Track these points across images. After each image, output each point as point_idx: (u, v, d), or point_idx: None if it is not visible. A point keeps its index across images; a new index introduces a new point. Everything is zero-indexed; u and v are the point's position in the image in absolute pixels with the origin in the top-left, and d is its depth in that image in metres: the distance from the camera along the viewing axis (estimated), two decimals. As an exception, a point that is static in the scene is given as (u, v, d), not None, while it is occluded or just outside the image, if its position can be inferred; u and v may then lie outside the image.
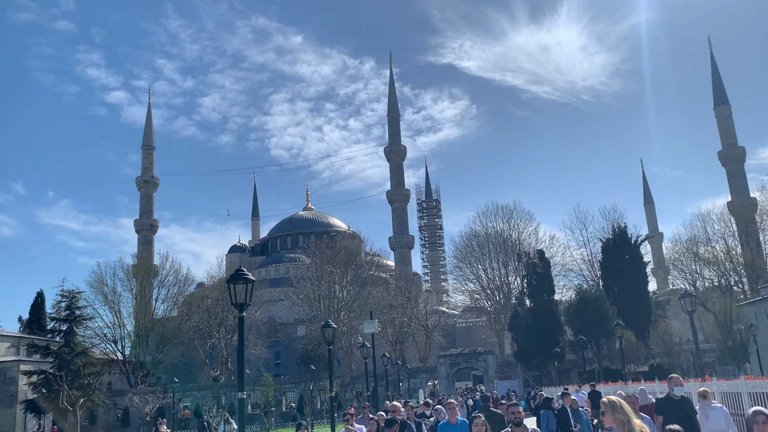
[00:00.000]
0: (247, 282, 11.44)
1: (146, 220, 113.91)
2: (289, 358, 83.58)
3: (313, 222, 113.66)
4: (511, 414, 8.42)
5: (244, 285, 11.42)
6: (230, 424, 25.42)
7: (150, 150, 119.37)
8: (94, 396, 50.13)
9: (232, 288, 11.45)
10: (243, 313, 11.59)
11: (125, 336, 70.44)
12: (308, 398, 46.32)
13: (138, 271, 76.84)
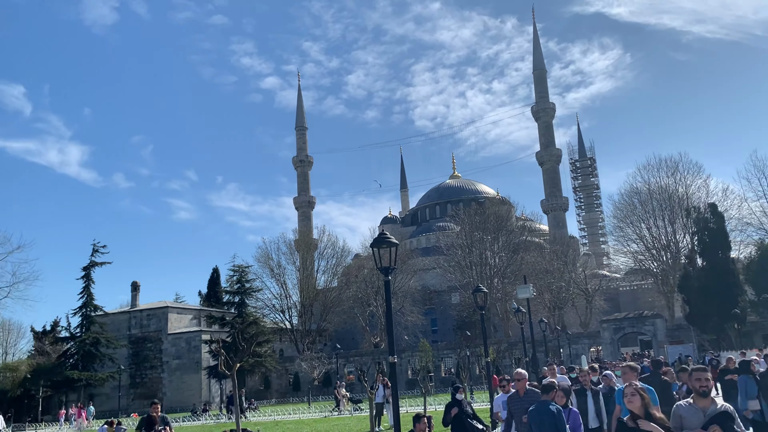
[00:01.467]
0: (390, 245, 11.23)
1: (304, 197, 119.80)
2: (445, 324, 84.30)
3: (461, 190, 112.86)
4: (696, 381, 6.50)
5: (387, 249, 11.23)
6: (389, 389, 25.89)
7: (303, 131, 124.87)
8: (265, 362, 54.10)
9: (376, 252, 11.34)
10: (388, 276, 11.39)
11: (291, 306, 75.12)
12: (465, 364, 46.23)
13: (299, 245, 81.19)
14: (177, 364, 62.32)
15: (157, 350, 62.92)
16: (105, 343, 57.71)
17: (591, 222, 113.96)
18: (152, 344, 63.34)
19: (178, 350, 62.27)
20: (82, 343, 56.92)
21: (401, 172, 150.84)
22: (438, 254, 79.23)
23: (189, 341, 61.92)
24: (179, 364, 62.21)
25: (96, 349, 57.25)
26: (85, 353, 56.66)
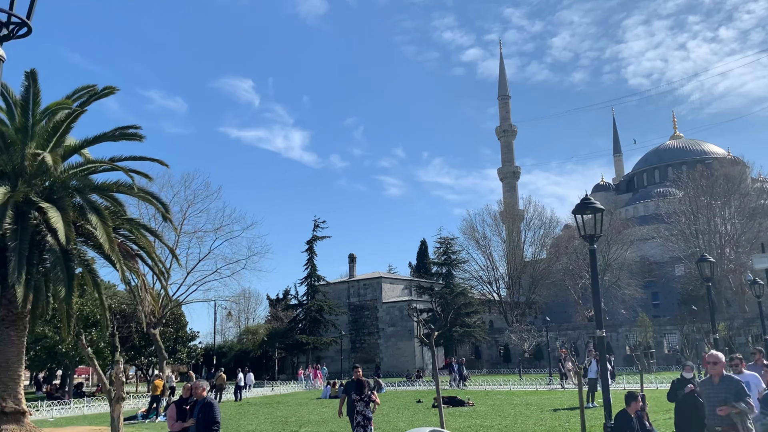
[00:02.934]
0: (595, 211, 10.48)
1: (508, 167, 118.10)
2: (667, 299, 78.02)
3: (683, 151, 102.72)
4: None
5: (592, 215, 10.51)
6: (602, 364, 24.60)
7: (506, 100, 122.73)
8: (474, 333, 54.75)
9: (579, 219, 10.68)
10: (593, 245, 10.68)
11: (498, 278, 74.87)
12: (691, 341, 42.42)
13: (505, 216, 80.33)
14: (392, 331, 65.71)
15: (373, 318, 66.92)
16: (328, 310, 62.72)
17: None
18: (369, 312, 67.46)
19: (392, 318, 65.57)
20: (308, 310, 62.50)
21: (614, 136, 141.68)
22: (658, 222, 73.31)
23: (401, 310, 64.85)
24: (393, 332, 65.53)
25: (320, 316, 62.46)
26: (311, 319, 62.16)
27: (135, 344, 46.24)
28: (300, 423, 21.44)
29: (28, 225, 15.51)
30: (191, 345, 54.70)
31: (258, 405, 31.20)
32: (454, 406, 25.50)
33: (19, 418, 15.77)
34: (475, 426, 18.45)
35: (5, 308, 15.98)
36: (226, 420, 23.68)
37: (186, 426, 9.76)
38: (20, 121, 16.66)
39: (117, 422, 4.74)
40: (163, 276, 19.54)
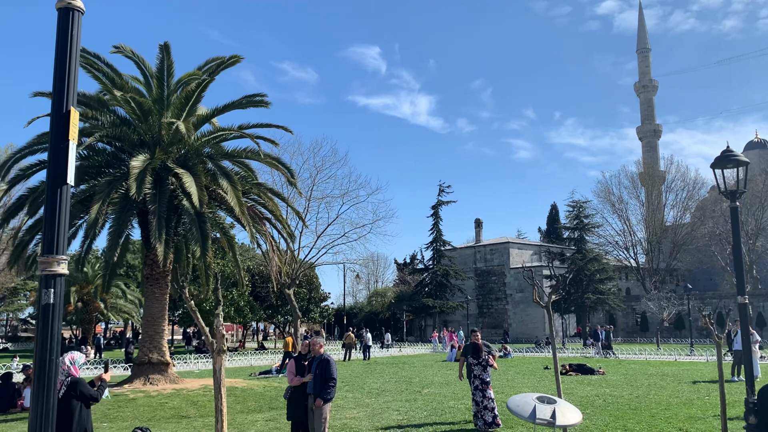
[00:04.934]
0: (738, 164, 9.38)
1: (648, 126, 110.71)
2: (836, 266, 70.26)
3: None
4: None
5: (734, 169, 9.41)
6: (752, 335, 22.57)
7: (645, 53, 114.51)
8: (608, 300, 52.38)
9: (719, 173, 9.61)
10: (736, 202, 9.59)
11: (636, 243, 70.85)
12: None
13: (644, 178, 75.57)
14: (520, 297, 64.57)
15: (500, 283, 66.09)
16: (454, 275, 62.76)
17: None
18: (496, 277, 66.68)
19: (520, 284, 64.36)
20: (434, 275, 62.90)
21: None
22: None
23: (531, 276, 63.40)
24: (522, 297, 64.36)
25: (446, 280, 62.64)
26: (437, 283, 62.55)
27: (272, 303, 48.97)
28: (423, 384, 21.67)
29: (166, 190, 16.67)
30: (323, 305, 57.11)
31: (384, 365, 31.98)
32: (583, 374, 24.64)
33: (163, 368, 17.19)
34: (604, 395, 17.65)
35: (149, 267, 17.36)
36: (353, 377, 24.50)
37: (305, 381, 10.08)
38: (156, 92, 17.80)
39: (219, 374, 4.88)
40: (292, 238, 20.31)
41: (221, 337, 4.84)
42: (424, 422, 13.34)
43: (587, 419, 13.26)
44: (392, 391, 19.54)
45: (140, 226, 18.71)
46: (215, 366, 4.93)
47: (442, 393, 18.70)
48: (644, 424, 12.60)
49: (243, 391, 18.76)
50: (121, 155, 18.79)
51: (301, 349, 10.86)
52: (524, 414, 6.53)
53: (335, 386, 10.00)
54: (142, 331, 18.70)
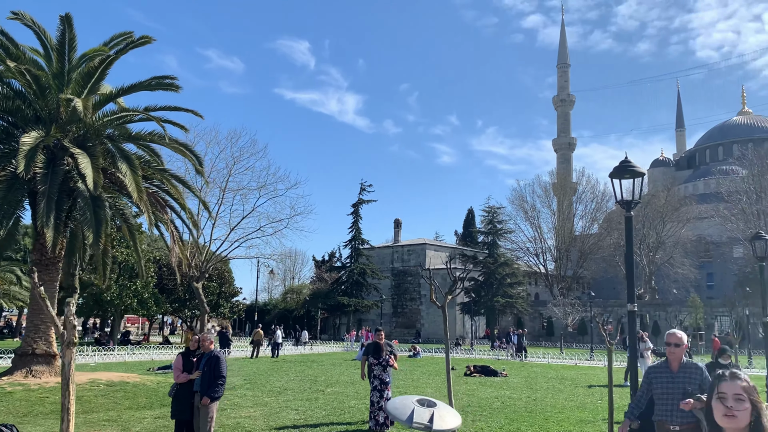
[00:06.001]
0: (634, 175, 9.62)
1: (564, 138, 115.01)
2: (723, 280, 75.04)
3: (751, 128, 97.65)
4: None
5: (630, 179, 9.65)
6: (645, 342, 23.65)
7: (565, 68, 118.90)
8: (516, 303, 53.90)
9: (617, 183, 9.83)
10: (630, 212, 9.83)
11: (546, 250, 73.35)
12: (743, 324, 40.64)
13: (556, 188, 78.33)
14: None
15: (416, 284, 66.72)
16: (370, 274, 62.79)
17: None
18: (412, 278, 67.27)
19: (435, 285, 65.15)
20: (351, 273, 62.72)
21: (678, 110, 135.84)
22: (718, 201, 70.18)
23: (444, 277, 64.35)
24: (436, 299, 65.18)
25: (363, 279, 62.59)
26: (353, 282, 62.39)
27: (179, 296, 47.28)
28: (328, 383, 21.37)
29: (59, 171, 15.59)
30: (234, 301, 55.73)
31: (293, 363, 31.45)
32: (486, 376, 25.06)
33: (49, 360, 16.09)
34: (503, 397, 17.93)
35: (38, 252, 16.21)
36: (257, 375, 23.87)
37: (192, 378, 9.57)
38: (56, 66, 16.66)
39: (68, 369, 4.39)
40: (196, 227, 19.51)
41: (72, 328, 4.36)
42: (321, 422, 13.05)
43: (483, 421, 13.37)
44: (294, 389, 19.13)
45: (31, 208, 17.46)
46: (64, 360, 4.44)
47: (345, 392, 18.46)
48: (537, 427, 12.81)
49: (135, 386, 17.83)
50: (14, 131, 17.46)
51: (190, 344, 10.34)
52: (402, 417, 6.37)
53: (224, 384, 9.55)
54: (27, 321, 17.46)
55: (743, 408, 2.47)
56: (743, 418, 2.46)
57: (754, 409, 2.50)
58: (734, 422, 2.46)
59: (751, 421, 2.47)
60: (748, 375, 2.71)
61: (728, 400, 2.48)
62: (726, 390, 2.52)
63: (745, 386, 2.53)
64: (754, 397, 2.51)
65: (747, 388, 2.53)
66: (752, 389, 2.53)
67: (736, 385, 2.51)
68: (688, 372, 6.08)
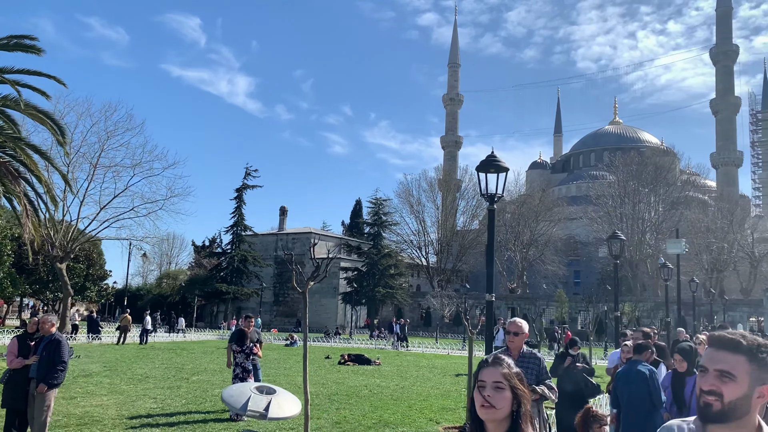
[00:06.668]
0: (499, 170, 9.89)
1: (451, 136, 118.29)
2: (589, 278, 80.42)
3: (620, 137, 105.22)
4: None
5: (495, 174, 9.92)
6: (510, 334, 24.74)
7: (455, 68, 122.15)
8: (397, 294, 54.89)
9: (482, 176, 10.09)
10: (494, 205, 10.12)
11: (429, 243, 75.21)
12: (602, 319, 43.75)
13: (442, 184, 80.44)
14: (316, 287, 64.90)
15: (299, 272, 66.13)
16: (252, 261, 61.50)
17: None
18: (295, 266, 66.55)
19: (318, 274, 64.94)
20: (231, 259, 61.10)
21: (557, 116, 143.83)
22: (587, 204, 75.03)
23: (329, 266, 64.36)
24: (318, 288, 64.92)
25: (244, 266, 61.18)
26: (234, 269, 60.83)
27: (41, 277, 43.98)
28: (195, 371, 20.61)
29: None
30: (103, 284, 52.64)
31: (161, 350, 30.12)
32: (360, 364, 25.20)
33: None
34: (372, 385, 18.07)
35: None
36: (119, 362, 22.60)
37: (27, 363, 8.76)
38: None
39: None
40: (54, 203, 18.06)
41: None
42: (179, 411, 12.48)
43: (347, 409, 13.36)
44: (157, 377, 18.27)
45: None
46: None
47: (211, 381, 17.86)
48: (399, 414, 12.97)
49: (-25, 373, 16.27)
50: None
51: (29, 327, 9.48)
52: (236, 405, 6.12)
53: (65, 371, 8.83)
54: None
55: (502, 397, 2.20)
56: (502, 409, 2.19)
57: (515, 398, 2.22)
58: (491, 413, 2.18)
59: (512, 411, 2.21)
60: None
61: (486, 388, 2.21)
62: (485, 378, 2.25)
63: (505, 373, 2.24)
64: (515, 383, 2.24)
65: (508, 374, 2.24)
66: (513, 375, 2.25)
67: (496, 371, 2.23)
68: (526, 362, 5.87)
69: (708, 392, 1.91)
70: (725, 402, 1.86)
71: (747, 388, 1.86)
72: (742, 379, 1.86)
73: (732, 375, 1.86)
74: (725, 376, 1.87)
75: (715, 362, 1.92)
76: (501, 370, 2.26)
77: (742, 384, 1.86)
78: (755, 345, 1.89)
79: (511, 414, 2.21)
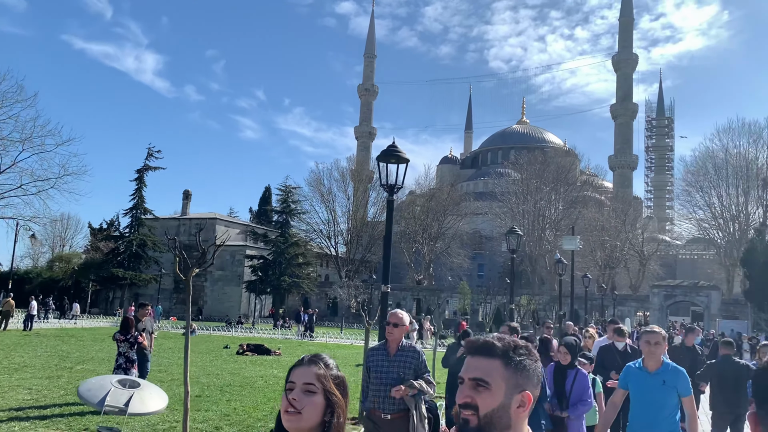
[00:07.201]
0: (399, 161, 9.80)
1: (365, 127, 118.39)
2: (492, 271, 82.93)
3: (527, 136, 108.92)
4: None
5: (396, 164, 9.83)
6: (411, 324, 25.00)
7: (371, 58, 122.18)
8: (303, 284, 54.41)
9: (383, 166, 9.98)
10: (393, 196, 10.04)
11: (338, 233, 74.99)
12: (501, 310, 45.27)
13: (354, 174, 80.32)
14: (220, 275, 63.52)
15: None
16: (152, 246, 59.06)
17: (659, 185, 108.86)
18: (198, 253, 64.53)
19: (222, 262, 63.36)
20: (129, 244, 58.41)
21: (468, 113, 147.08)
22: (492, 200, 77.22)
23: (233, 254, 62.87)
24: (222, 275, 63.41)
25: (143, 251, 58.67)
26: (132, 253, 58.20)
27: None
28: (81, 360, 19.48)
29: None
30: (-17, 267, 48.93)
31: (47, 337, 28.33)
32: (259, 355, 24.71)
33: None
34: (268, 376, 17.71)
35: None
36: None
37: None
38: None
39: None
40: None
41: None
42: (54, 403, 11.67)
43: (239, 401, 12.98)
44: (37, 366, 17.09)
45: None
46: None
47: (97, 370, 16.87)
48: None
49: None
50: None
51: None
52: (93, 401, 5.72)
53: None
54: None
55: (311, 402, 1.82)
56: (310, 418, 1.82)
57: (329, 406, 1.85)
58: (296, 421, 1.81)
59: (323, 421, 1.83)
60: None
61: (295, 390, 1.84)
62: (295, 378, 1.87)
63: (321, 374, 1.87)
64: (330, 388, 1.86)
65: (323, 376, 1.87)
66: (330, 378, 1.88)
67: (310, 371, 1.86)
68: (405, 355, 5.60)
69: (463, 406, 1.67)
70: (481, 415, 1.63)
71: (503, 397, 1.65)
72: (497, 387, 1.65)
73: (486, 383, 1.65)
74: (480, 385, 1.65)
75: (469, 370, 1.70)
76: (316, 370, 1.88)
77: (497, 392, 1.65)
78: (511, 347, 1.70)
79: (323, 425, 1.83)
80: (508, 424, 1.64)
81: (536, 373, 1.72)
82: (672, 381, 5.39)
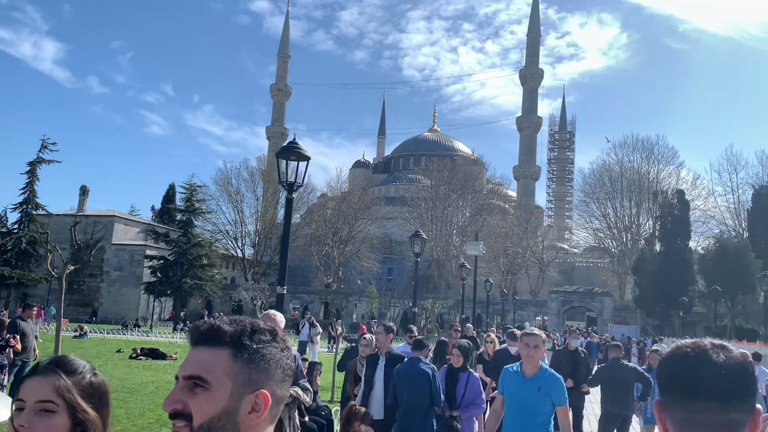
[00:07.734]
0: (300, 158, 9.51)
1: (277, 127, 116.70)
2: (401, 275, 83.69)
3: (437, 144, 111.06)
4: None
5: (296, 162, 9.53)
6: (315, 327, 24.66)
7: (285, 58, 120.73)
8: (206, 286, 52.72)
9: (282, 163, 9.65)
10: (292, 194, 9.74)
11: (246, 235, 73.32)
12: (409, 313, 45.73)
13: (264, 175, 78.86)
14: (117, 275, 60.50)
15: (98, 259, 60.86)
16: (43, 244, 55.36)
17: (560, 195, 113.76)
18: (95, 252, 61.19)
19: (120, 262, 60.36)
20: (18, 240, 54.57)
21: (381, 119, 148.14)
22: (403, 205, 78.04)
23: (132, 254, 60.06)
24: (119, 276, 60.41)
25: (33, 249, 54.99)
26: (20, 251, 54.40)
27: None
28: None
29: None
30: None
31: None
32: (154, 359, 23.58)
33: None
34: (160, 381, 16.87)
35: None
36: None
37: None
38: None
39: None
40: None
41: None
42: None
43: (125, 408, 12.25)
44: None
45: None
46: None
47: (-33, 377, 15.47)
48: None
49: None
50: None
51: None
52: None
53: None
54: None
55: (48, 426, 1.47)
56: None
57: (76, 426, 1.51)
58: None
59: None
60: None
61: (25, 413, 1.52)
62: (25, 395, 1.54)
63: (61, 385, 1.51)
64: (75, 401, 1.51)
65: (65, 387, 1.51)
66: (73, 389, 1.52)
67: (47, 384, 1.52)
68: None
69: (173, 415, 1.23)
70: (195, 427, 1.18)
71: (228, 399, 1.20)
72: (219, 386, 1.20)
73: (205, 381, 1.19)
74: (198, 385, 1.20)
75: (186, 366, 1.24)
76: (55, 381, 1.50)
77: (219, 393, 1.20)
78: (246, 332, 1.23)
79: None
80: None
81: (280, 365, 1.25)
82: (547, 388, 5.25)
